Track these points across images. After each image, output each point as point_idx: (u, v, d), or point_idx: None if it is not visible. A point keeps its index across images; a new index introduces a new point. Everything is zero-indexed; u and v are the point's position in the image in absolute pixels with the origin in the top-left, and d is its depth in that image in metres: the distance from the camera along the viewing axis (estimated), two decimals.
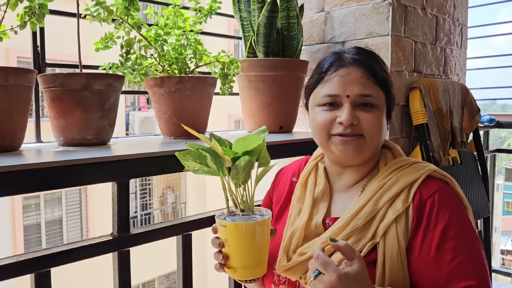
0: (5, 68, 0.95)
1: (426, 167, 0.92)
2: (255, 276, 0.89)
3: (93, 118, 1.12)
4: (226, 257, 0.87)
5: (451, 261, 0.82)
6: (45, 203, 7.94)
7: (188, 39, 1.39)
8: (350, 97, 0.91)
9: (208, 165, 0.84)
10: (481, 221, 2.21)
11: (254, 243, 0.85)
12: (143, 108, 10.02)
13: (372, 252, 0.87)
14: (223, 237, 0.86)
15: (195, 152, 0.83)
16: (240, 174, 0.83)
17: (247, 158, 0.82)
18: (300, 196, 1.02)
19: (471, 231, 0.87)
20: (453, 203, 0.88)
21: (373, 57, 0.97)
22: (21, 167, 0.86)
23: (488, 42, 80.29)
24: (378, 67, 0.95)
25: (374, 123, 0.91)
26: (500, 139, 12.38)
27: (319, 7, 1.79)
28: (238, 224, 0.83)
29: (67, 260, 0.98)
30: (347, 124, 0.90)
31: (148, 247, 1.49)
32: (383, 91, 0.94)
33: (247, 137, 0.85)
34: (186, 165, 0.86)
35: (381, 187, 0.91)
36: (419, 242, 0.85)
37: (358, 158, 0.95)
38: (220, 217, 0.87)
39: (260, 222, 0.84)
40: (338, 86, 0.92)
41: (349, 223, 0.89)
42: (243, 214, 0.87)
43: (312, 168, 1.04)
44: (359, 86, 0.91)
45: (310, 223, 0.95)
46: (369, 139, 0.91)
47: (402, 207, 0.87)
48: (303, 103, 1.09)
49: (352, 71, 0.92)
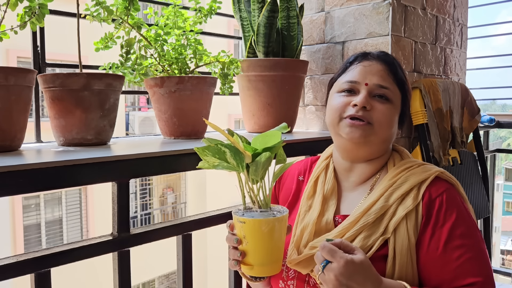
0: (5, 68, 0.95)
1: (434, 168, 0.96)
2: (271, 273, 0.89)
3: (93, 118, 1.12)
4: (244, 254, 0.87)
5: (458, 258, 0.85)
6: (45, 203, 7.94)
7: (188, 39, 1.39)
8: (368, 86, 0.96)
9: (227, 161, 0.83)
10: (481, 221, 2.21)
11: (273, 240, 0.84)
12: (143, 108, 10.02)
13: (383, 247, 0.89)
14: (241, 233, 0.86)
15: (214, 148, 0.82)
16: (259, 170, 0.83)
17: (268, 154, 0.82)
18: (310, 194, 1.04)
19: (476, 231, 0.90)
20: (459, 204, 0.92)
21: (395, 59, 1.04)
22: (21, 167, 0.86)
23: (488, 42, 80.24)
24: (398, 67, 1.01)
25: (386, 114, 0.95)
26: (500, 139, 12.38)
27: (319, 7, 1.79)
28: (258, 220, 0.83)
29: (67, 260, 0.98)
30: (360, 106, 0.94)
31: (148, 247, 1.49)
32: (400, 90, 0.99)
33: (267, 133, 0.85)
34: (205, 160, 0.84)
35: (391, 185, 0.94)
36: (428, 238, 0.88)
37: (366, 148, 0.97)
38: (237, 213, 0.87)
39: (279, 218, 0.84)
40: (359, 74, 0.98)
41: (360, 219, 0.91)
42: (261, 210, 0.87)
43: (323, 168, 1.07)
44: (378, 77, 0.97)
45: (321, 219, 0.98)
46: (377, 128, 0.95)
47: (412, 204, 0.90)
48: (303, 103, 1.10)
49: (374, 64, 0.99)
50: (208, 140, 0.85)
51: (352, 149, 0.99)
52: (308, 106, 1.83)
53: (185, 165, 1.16)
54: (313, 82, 1.81)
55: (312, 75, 1.81)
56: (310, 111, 1.83)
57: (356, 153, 0.99)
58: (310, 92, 1.82)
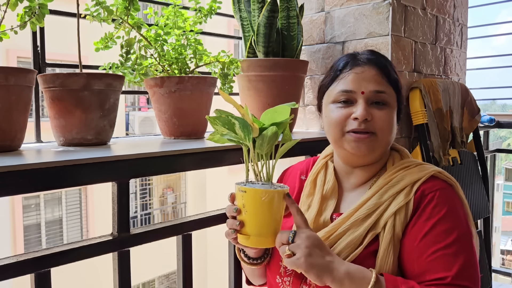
0: (5, 68, 0.95)
1: (431, 168, 0.95)
2: (266, 245, 0.90)
3: (93, 118, 1.12)
4: (242, 223, 0.88)
5: (434, 252, 0.84)
6: (45, 203, 7.94)
7: (188, 39, 1.39)
8: (365, 94, 0.94)
9: (235, 132, 0.86)
10: (481, 221, 2.21)
11: (272, 211, 0.86)
12: (143, 108, 10.02)
13: (374, 243, 0.90)
14: (241, 203, 0.87)
15: (225, 118, 0.85)
16: (265, 144, 0.85)
17: (274, 128, 0.83)
18: (309, 193, 1.04)
19: (466, 232, 0.87)
20: (453, 203, 0.90)
21: (385, 59, 1.02)
22: (21, 167, 0.86)
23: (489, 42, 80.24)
24: (390, 68, 0.99)
25: (387, 121, 0.95)
26: (500, 139, 12.38)
27: (319, 7, 1.79)
28: (258, 190, 0.84)
29: (67, 260, 0.98)
30: (362, 119, 0.93)
31: (148, 247, 1.49)
32: (395, 90, 0.98)
33: (276, 108, 0.86)
34: (215, 128, 0.87)
35: (386, 183, 0.94)
36: (409, 229, 0.89)
37: (369, 157, 0.98)
38: (240, 183, 0.88)
39: (279, 191, 0.85)
40: (353, 82, 0.96)
41: (352, 215, 0.92)
42: (263, 183, 0.88)
43: (321, 167, 1.07)
44: (373, 83, 0.95)
45: (318, 218, 0.98)
46: (381, 136, 0.95)
47: (404, 200, 0.90)
48: (303, 103, 1.10)
49: (366, 69, 0.96)
50: (220, 111, 0.87)
51: (356, 159, 0.99)
52: (308, 106, 1.83)
53: (185, 165, 1.16)
54: (313, 82, 1.81)
55: (312, 75, 1.81)
56: (310, 111, 1.83)
57: (358, 161, 1.00)
58: (310, 92, 1.82)
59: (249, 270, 1.11)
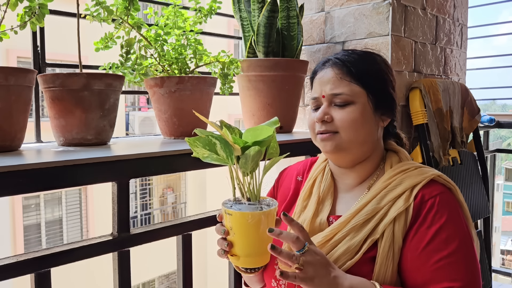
0: (5, 68, 0.95)
1: (430, 172, 0.94)
2: (257, 265, 0.89)
3: (93, 118, 1.12)
4: (231, 244, 0.87)
5: (437, 261, 0.84)
6: (45, 203, 7.94)
7: (188, 39, 1.39)
8: (326, 97, 0.98)
9: (217, 153, 0.84)
10: (481, 221, 2.21)
11: (259, 233, 0.84)
12: (143, 108, 10.02)
13: (372, 249, 0.89)
14: (228, 224, 0.86)
15: (205, 139, 0.83)
16: (249, 163, 0.83)
17: (257, 148, 0.81)
18: (307, 194, 1.05)
19: (467, 237, 0.87)
20: (453, 208, 0.90)
21: (359, 55, 0.99)
22: (21, 167, 0.86)
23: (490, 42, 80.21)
24: (357, 64, 0.97)
25: (347, 118, 0.94)
26: (500, 139, 12.38)
27: (319, 7, 1.79)
28: (243, 213, 0.83)
29: (67, 260, 0.98)
30: (318, 121, 0.97)
31: (148, 247, 1.49)
32: (363, 86, 0.95)
33: (258, 127, 0.84)
34: (195, 151, 0.85)
35: (385, 187, 0.93)
36: (410, 237, 0.88)
37: (344, 155, 0.98)
38: (226, 204, 0.87)
39: (266, 212, 0.84)
40: (317, 88, 1.00)
41: (351, 220, 0.91)
42: (249, 203, 0.86)
43: (321, 170, 1.08)
44: (330, 86, 0.97)
45: (315, 220, 0.98)
46: (344, 134, 0.95)
47: (404, 205, 0.89)
48: (303, 103, 1.11)
49: (325, 73, 0.99)
50: (200, 131, 0.85)
51: (335, 158, 1.01)
52: (308, 106, 1.83)
53: (185, 165, 1.16)
54: None
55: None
56: (310, 111, 1.83)
57: (340, 161, 1.01)
58: (310, 92, 1.82)
59: (247, 277, 1.10)
